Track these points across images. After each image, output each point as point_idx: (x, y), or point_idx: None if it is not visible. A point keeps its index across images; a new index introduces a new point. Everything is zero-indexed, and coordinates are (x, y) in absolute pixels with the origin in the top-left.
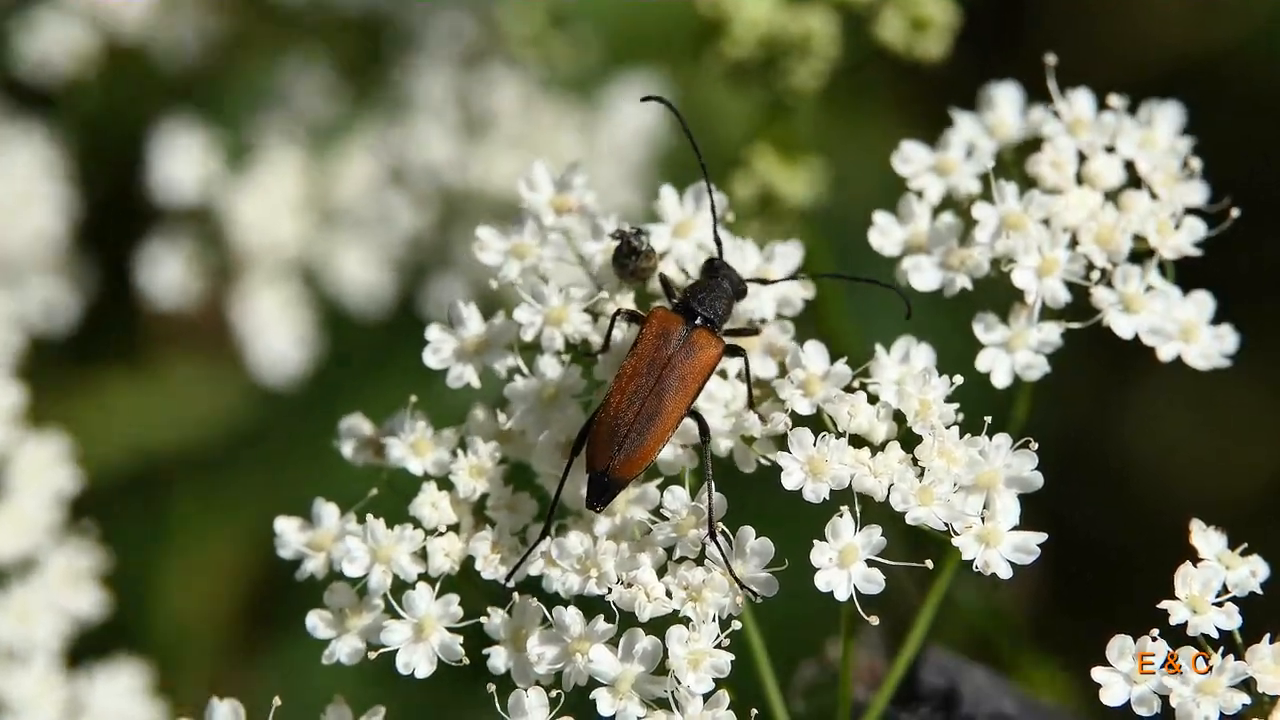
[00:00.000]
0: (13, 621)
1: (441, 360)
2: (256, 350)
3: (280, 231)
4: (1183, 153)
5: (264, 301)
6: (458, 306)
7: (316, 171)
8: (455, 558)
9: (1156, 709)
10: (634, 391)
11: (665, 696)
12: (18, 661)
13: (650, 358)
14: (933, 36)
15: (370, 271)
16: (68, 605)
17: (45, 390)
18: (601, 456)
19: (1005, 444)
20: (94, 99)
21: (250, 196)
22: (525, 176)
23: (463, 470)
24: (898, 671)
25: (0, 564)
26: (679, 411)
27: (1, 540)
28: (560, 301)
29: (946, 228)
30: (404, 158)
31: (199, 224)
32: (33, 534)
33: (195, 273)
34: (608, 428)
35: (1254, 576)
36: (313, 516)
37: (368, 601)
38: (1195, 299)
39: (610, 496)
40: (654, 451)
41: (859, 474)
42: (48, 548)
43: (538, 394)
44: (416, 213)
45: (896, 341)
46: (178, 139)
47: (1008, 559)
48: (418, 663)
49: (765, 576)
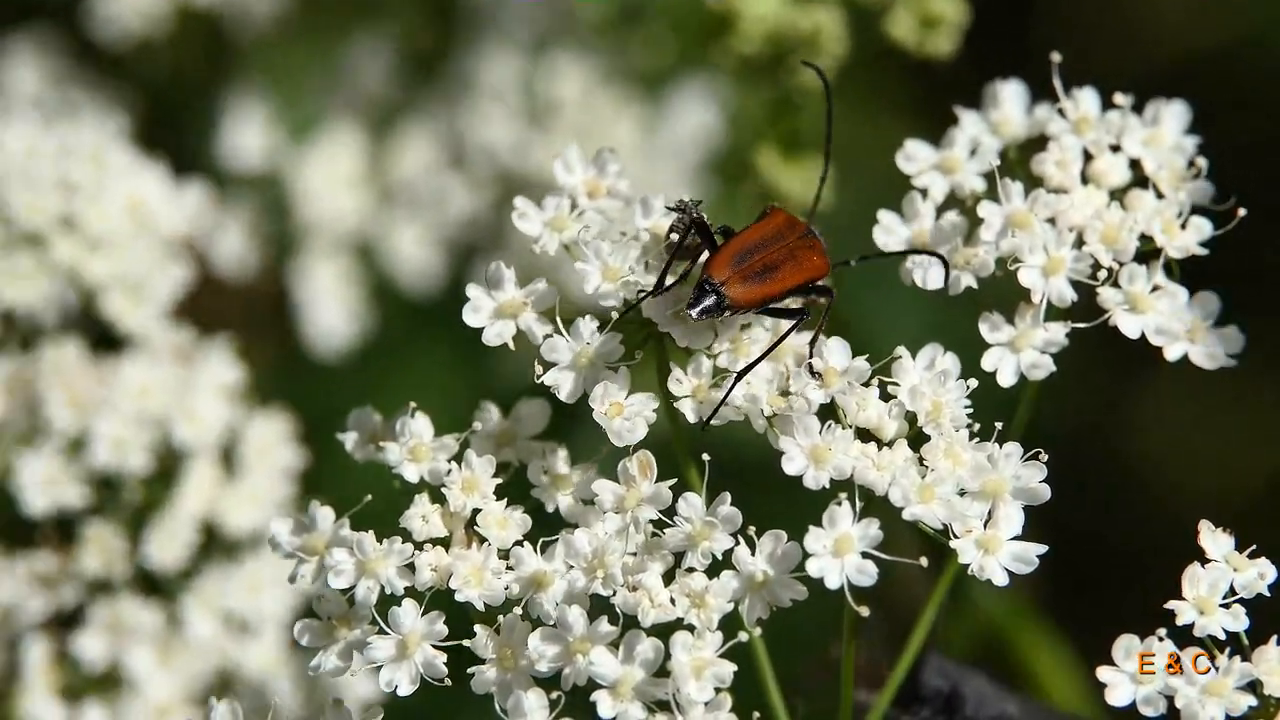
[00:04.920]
0: (244, 594)
1: (480, 319)
2: (309, 321)
3: (341, 204)
4: (1189, 151)
5: (321, 273)
6: (499, 269)
7: (378, 148)
8: (443, 573)
9: (1162, 709)
10: (755, 246)
11: (666, 699)
12: (250, 634)
13: (774, 234)
14: (943, 33)
15: (424, 250)
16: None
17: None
18: (721, 268)
19: (1016, 453)
20: (164, 64)
21: (315, 167)
22: (561, 158)
23: (456, 484)
24: (900, 673)
25: (235, 537)
26: (792, 282)
27: (238, 515)
28: (617, 261)
29: (951, 226)
30: (465, 139)
31: (260, 193)
32: (264, 509)
33: (257, 243)
34: (734, 252)
35: (1262, 579)
36: (308, 518)
37: (356, 612)
38: (1201, 299)
39: (708, 309)
40: (766, 294)
41: (861, 466)
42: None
43: (576, 355)
44: (473, 194)
45: (923, 349)
46: (248, 106)
47: (1006, 567)
48: (400, 680)
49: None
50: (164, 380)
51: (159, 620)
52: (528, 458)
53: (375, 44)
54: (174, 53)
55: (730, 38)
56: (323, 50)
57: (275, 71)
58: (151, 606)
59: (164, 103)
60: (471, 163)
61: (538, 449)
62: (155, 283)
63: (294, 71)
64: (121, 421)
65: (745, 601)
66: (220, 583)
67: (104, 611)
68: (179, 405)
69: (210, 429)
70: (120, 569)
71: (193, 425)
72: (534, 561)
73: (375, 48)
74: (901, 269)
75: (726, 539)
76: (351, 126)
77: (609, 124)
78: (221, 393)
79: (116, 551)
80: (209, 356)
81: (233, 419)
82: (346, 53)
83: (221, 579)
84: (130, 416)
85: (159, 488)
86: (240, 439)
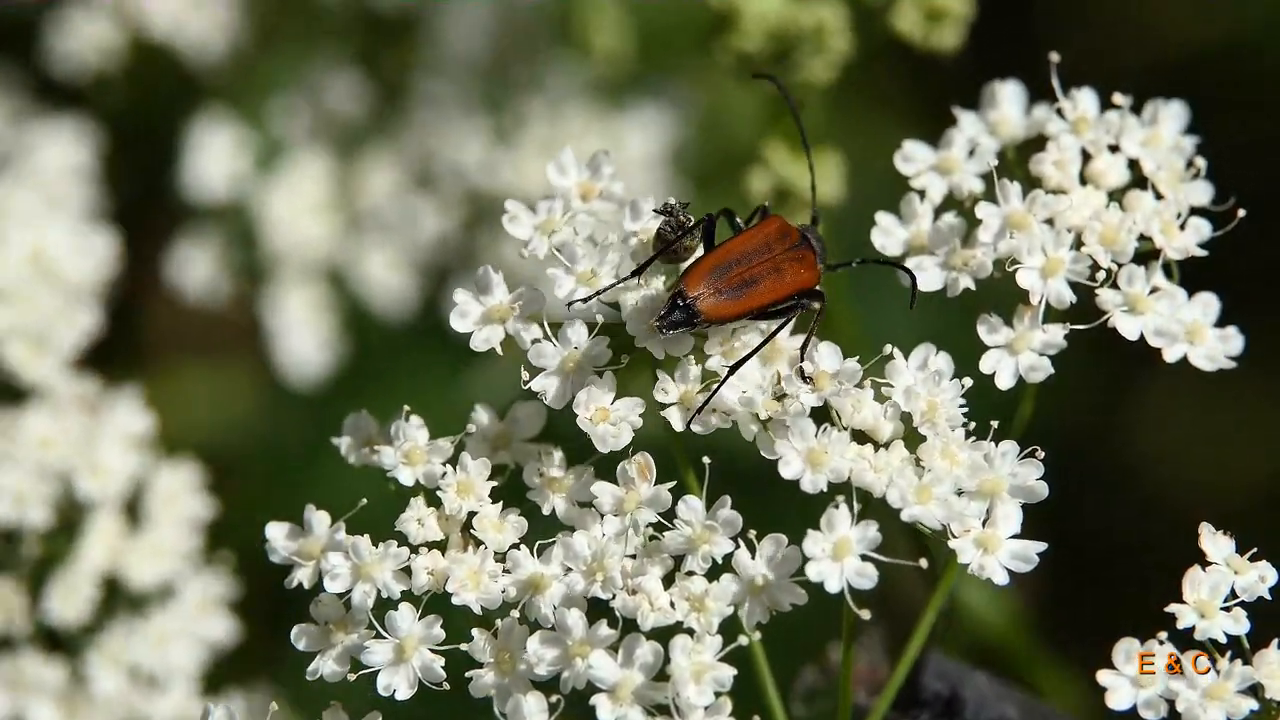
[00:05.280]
0: (151, 647)
1: (468, 324)
2: (282, 351)
3: (309, 232)
4: (1188, 151)
5: (291, 302)
6: (488, 273)
7: (344, 172)
8: (439, 576)
9: (1164, 713)
10: (739, 258)
11: (666, 703)
12: (158, 688)
13: (760, 245)
14: (948, 28)
15: (396, 275)
16: (203, 631)
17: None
18: (695, 283)
19: (1012, 451)
20: (121, 96)
21: (281, 195)
22: (555, 161)
23: (450, 487)
24: (899, 676)
25: (140, 590)
26: (769, 298)
27: (142, 568)
28: (590, 265)
29: (949, 227)
30: (432, 159)
31: (226, 223)
32: (170, 560)
33: (224, 272)
34: (714, 264)
35: (1263, 582)
36: (304, 524)
37: (353, 616)
38: (1201, 300)
39: (680, 324)
40: (741, 310)
41: (859, 468)
42: (185, 574)
43: (562, 360)
44: (443, 215)
45: (915, 349)
46: (211, 135)
47: (1006, 566)
48: (398, 685)
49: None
50: (67, 431)
51: (62, 676)
52: (523, 460)
53: (336, 66)
54: (132, 85)
55: (731, 35)
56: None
57: (237, 100)
58: (54, 662)
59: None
60: (439, 183)
61: (534, 451)
62: (59, 333)
63: (255, 99)
64: (22, 474)
65: (745, 605)
66: (126, 637)
67: (5, 667)
68: (83, 457)
69: (115, 480)
70: (21, 624)
71: (96, 477)
72: (531, 564)
73: (336, 70)
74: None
75: (726, 543)
76: (317, 152)
77: (577, 138)
78: (129, 442)
79: (16, 607)
80: (116, 406)
81: (140, 469)
82: (308, 76)
83: (127, 633)
84: (31, 469)
85: (61, 541)
86: (147, 489)
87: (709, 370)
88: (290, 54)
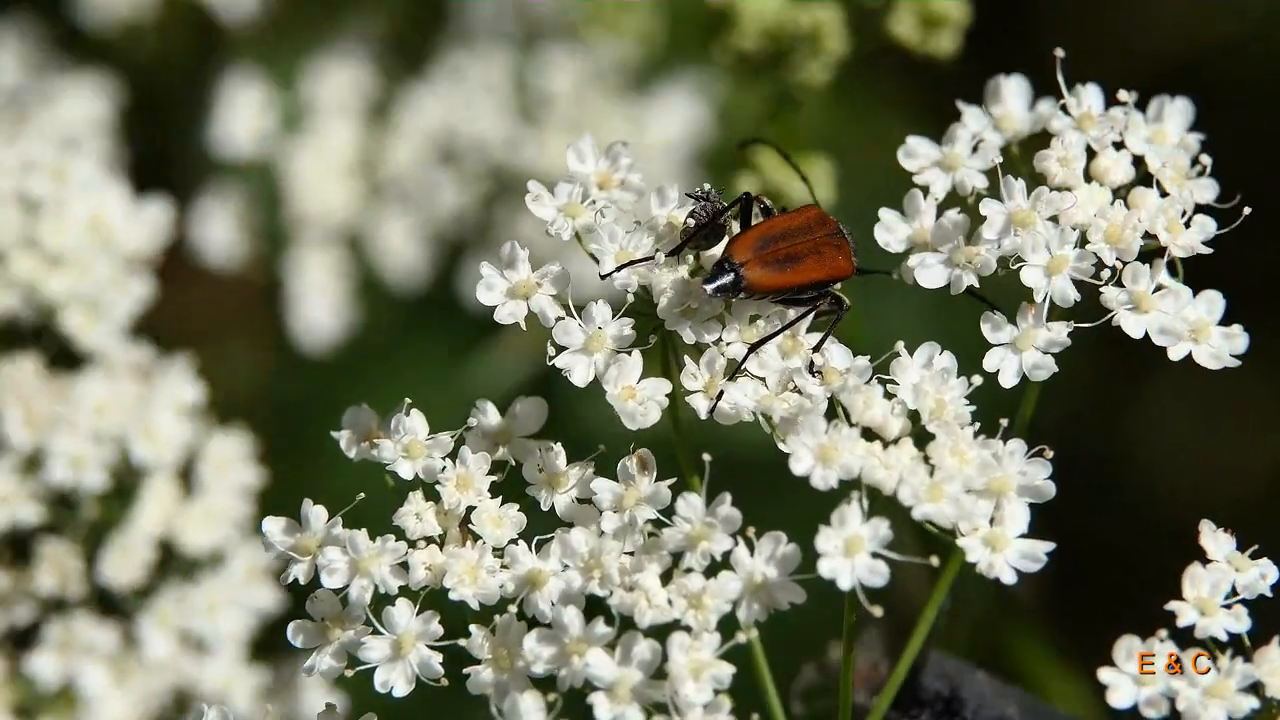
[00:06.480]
0: (201, 613)
1: (496, 296)
2: (298, 315)
3: (332, 196)
4: (1193, 149)
5: (313, 266)
6: (514, 248)
7: (368, 140)
8: (437, 571)
9: (1165, 711)
10: (782, 234)
11: (664, 700)
12: (207, 653)
13: (802, 225)
14: (946, 33)
15: (412, 246)
16: (250, 600)
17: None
18: (743, 250)
19: (1020, 450)
20: (149, 50)
21: (307, 157)
22: (574, 147)
23: (450, 482)
24: (899, 675)
25: (192, 556)
26: (812, 276)
27: (195, 533)
28: (631, 245)
29: (953, 224)
30: (456, 133)
31: (250, 183)
32: (222, 527)
33: (246, 234)
34: (759, 236)
35: (1264, 580)
36: (301, 517)
37: (350, 611)
38: (1206, 298)
39: (724, 287)
40: (784, 283)
41: (869, 465)
42: (235, 541)
43: (588, 339)
44: (462, 189)
45: (920, 347)
46: (241, 91)
47: (1014, 565)
48: (395, 681)
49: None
50: (122, 398)
51: (114, 639)
52: (523, 456)
53: (364, 33)
54: (160, 38)
55: (730, 34)
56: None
57: (265, 59)
58: (107, 625)
59: (150, 90)
60: (462, 157)
61: (534, 447)
62: (114, 300)
63: (284, 61)
64: (79, 439)
65: (742, 603)
66: (177, 602)
67: (58, 630)
68: (137, 423)
69: (169, 447)
70: (76, 587)
71: (151, 443)
72: (529, 560)
73: (364, 37)
74: (901, 267)
75: (725, 540)
76: (343, 115)
77: (600, 119)
78: (180, 410)
79: (72, 570)
80: (168, 374)
81: (191, 437)
82: (337, 41)
83: (179, 598)
84: (87, 434)
85: (116, 506)
86: (199, 457)
87: (733, 361)
88: (321, 18)
